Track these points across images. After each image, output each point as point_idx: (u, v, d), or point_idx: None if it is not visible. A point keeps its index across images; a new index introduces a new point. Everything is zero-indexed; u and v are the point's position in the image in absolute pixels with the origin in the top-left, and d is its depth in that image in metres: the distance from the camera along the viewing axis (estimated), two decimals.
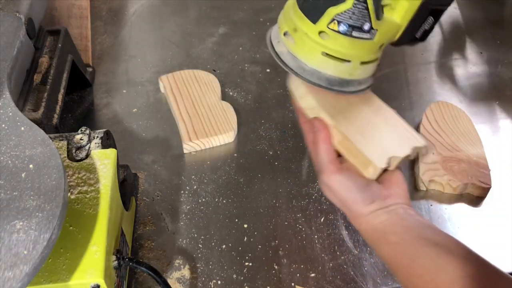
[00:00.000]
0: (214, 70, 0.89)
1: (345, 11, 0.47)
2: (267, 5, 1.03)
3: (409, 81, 0.89)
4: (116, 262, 0.53)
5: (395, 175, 0.52)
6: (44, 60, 0.71)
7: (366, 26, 0.48)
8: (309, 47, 0.50)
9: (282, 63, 0.52)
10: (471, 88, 0.87)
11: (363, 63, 0.51)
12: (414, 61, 0.92)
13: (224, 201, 0.71)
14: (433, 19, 0.51)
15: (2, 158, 0.47)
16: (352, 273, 0.63)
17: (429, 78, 0.89)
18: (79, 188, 0.54)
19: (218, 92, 0.82)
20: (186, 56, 0.92)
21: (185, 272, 0.63)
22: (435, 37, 0.97)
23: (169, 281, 0.61)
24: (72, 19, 0.93)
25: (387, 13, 0.49)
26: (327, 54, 0.49)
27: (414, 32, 0.52)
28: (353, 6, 0.47)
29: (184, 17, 1.01)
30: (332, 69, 0.50)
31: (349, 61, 0.50)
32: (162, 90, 0.85)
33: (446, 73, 0.90)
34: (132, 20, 1.00)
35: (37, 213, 0.43)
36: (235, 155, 0.77)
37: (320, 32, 0.49)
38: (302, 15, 0.50)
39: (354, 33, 0.48)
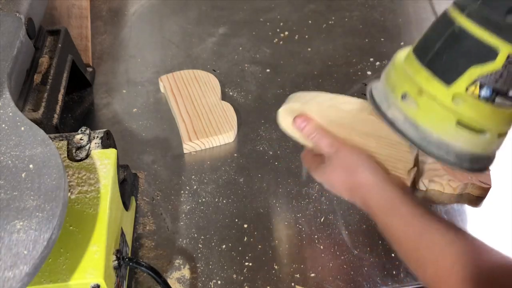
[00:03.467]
0: (214, 70, 0.89)
1: (492, 73, 0.38)
2: (267, 5, 1.03)
3: None
4: (116, 262, 0.53)
5: None
6: (44, 60, 0.71)
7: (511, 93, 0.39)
8: (439, 114, 0.41)
9: (397, 131, 0.44)
10: None
11: (500, 135, 0.43)
12: None
13: (224, 201, 0.71)
14: None
15: (2, 158, 0.47)
16: (352, 273, 0.63)
17: None
18: (79, 188, 0.54)
19: (218, 92, 0.82)
20: (186, 56, 0.92)
21: (185, 272, 0.63)
22: None
23: (169, 281, 0.61)
24: (72, 19, 0.93)
25: None
26: (462, 124, 0.41)
27: None
28: (504, 68, 0.38)
29: (184, 17, 1.01)
30: (465, 142, 0.42)
31: (485, 132, 0.41)
32: (162, 90, 0.85)
33: None
34: (132, 20, 1.00)
35: (37, 213, 0.43)
36: (235, 155, 0.77)
37: (454, 96, 0.40)
38: (431, 75, 0.41)
39: (497, 100, 0.39)
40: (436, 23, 0.43)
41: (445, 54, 0.40)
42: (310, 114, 0.56)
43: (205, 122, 0.78)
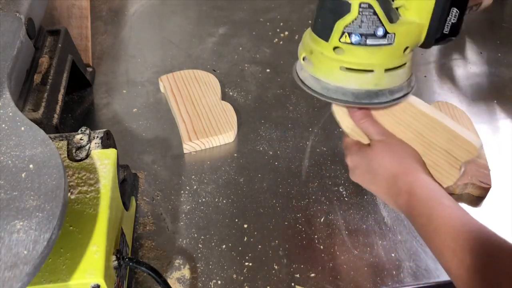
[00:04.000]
0: (214, 70, 0.89)
1: (353, 22, 0.46)
2: (267, 5, 1.03)
3: None
4: (116, 262, 0.53)
5: None
6: (44, 60, 0.71)
7: (380, 32, 0.47)
8: (327, 65, 0.49)
9: (307, 88, 0.52)
10: (471, 88, 0.87)
11: (388, 70, 0.49)
12: (414, 61, 0.91)
13: (224, 201, 0.71)
14: (457, 11, 0.48)
15: (2, 158, 0.47)
16: (352, 273, 0.63)
17: (429, 78, 0.89)
18: (79, 188, 0.54)
19: (218, 92, 0.82)
20: (186, 56, 0.92)
21: (185, 272, 0.63)
22: None
23: (169, 281, 0.61)
24: (72, 19, 0.93)
25: (403, 14, 0.48)
26: (346, 68, 0.49)
27: (441, 29, 0.49)
28: (360, 14, 0.46)
29: (184, 17, 1.01)
30: (355, 83, 0.49)
31: (371, 70, 0.49)
32: (162, 90, 0.85)
33: (446, 73, 0.90)
34: (132, 20, 1.00)
35: (37, 213, 0.43)
36: (235, 155, 0.77)
37: (335, 48, 0.48)
38: (316, 37, 0.50)
39: (369, 41, 0.47)
40: None
41: (319, 17, 0.49)
42: None
43: (205, 122, 0.78)
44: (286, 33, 0.97)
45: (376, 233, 0.67)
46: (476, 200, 0.71)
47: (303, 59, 0.52)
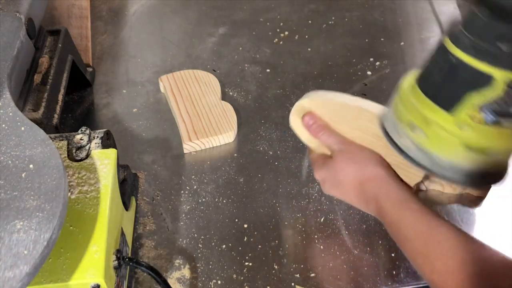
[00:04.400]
0: (214, 70, 0.89)
1: (494, 99, 0.40)
2: (267, 5, 1.03)
3: None
4: (116, 262, 0.53)
5: None
6: (44, 60, 0.71)
7: None
8: (447, 141, 0.43)
9: (410, 160, 0.46)
10: None
11: (510, 151, 0.44)
12: (414, 61, 0.92)
13: (224, 201, 0.71)
14: None
15: (2, 158, 0.47)
16: (352, 273, 0.63)
17: None
18: (79, 188, 0.54)
19: (218, 92, 0.82)
20: (186, 56, 0.92)
21: (185, 272, 0.63)
22: (435, 37, 0.97)
23: (169, 281, 0.61)
24: (72, 19, 0.93)
25: None
26: (469, 148, 0.43)
27: None
28: (504, 93, 0.39)
29: (184, 17, 1.01)
30: (474, 163, 0.44)
31: (493, 152, 0.43)
32: (162, 90, 0.85)
33: None
34: (132, 20, 1.00)
35: (37, 213, 0.43)
36: (235, 155, 0.77)
37: (458, 123, 0.42)
38: (433, 104, 0.43)
39: (503, 122, 0.41)
40: (435, 54, 0.45)
41: (445, 85, 0.42)
42: (318, 113, 0.57)
43: (205, 122, 0.78)
44: (286, 33, 0.97)
45: (376, 233, 0.67)
46: (476, 200, 0.70)
47: (410, 127, 0.45)
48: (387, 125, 0.49)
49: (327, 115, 0.57)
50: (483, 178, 0.45)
